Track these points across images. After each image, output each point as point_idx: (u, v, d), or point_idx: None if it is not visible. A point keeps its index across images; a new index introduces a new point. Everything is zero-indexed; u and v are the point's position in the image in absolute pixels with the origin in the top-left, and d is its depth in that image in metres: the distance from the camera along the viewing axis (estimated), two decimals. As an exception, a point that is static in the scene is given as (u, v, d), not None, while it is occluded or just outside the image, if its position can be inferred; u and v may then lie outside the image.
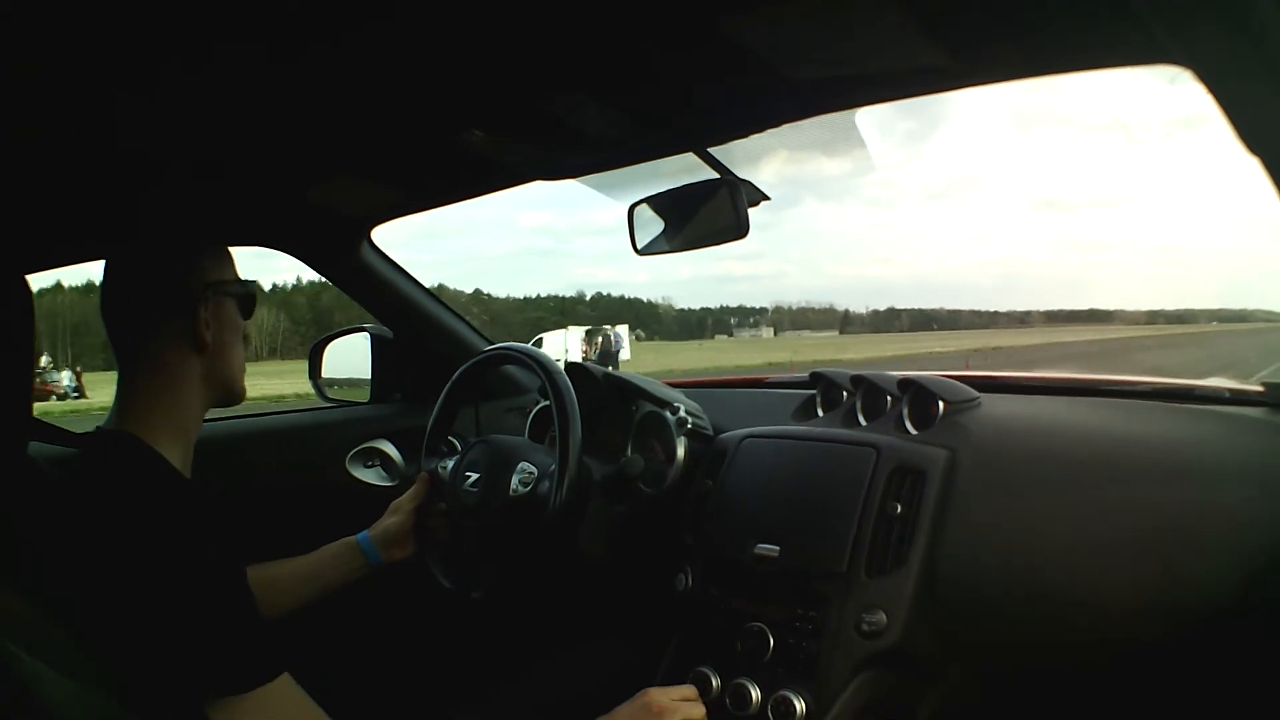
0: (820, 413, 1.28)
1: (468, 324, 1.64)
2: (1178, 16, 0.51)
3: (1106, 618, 0.89)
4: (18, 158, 0.85)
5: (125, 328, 0.90)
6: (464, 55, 0.72)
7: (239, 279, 0.98)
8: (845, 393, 1.26)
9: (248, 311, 0.99)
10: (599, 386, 1.37)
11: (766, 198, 1.02)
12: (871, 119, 0.93)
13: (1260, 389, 1.01)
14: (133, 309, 0.90)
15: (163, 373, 0.89)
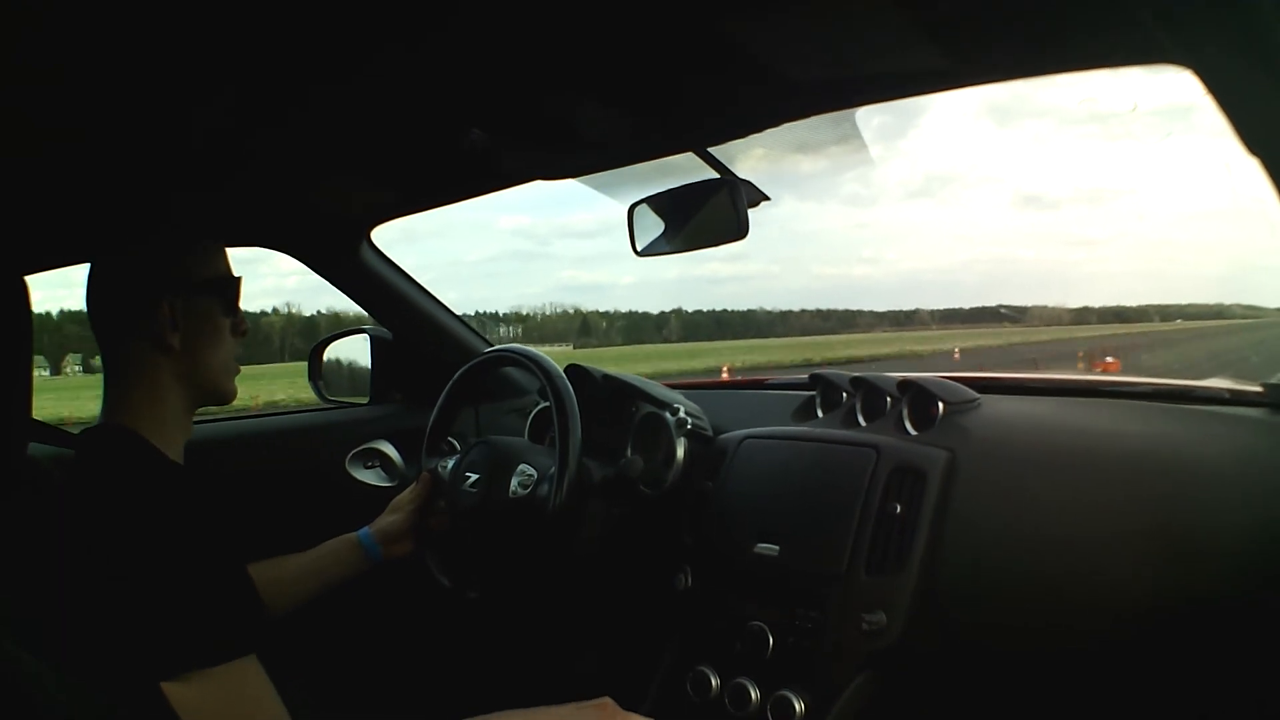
0: (820, 414, 1.28)
1: (467, 326, 1.64)
2: (1178, 17, 0.51)
3: (1106, 617, 0.89)
4: (15, 159, 0.85)
5: (101, 327, 0.91)
6: (465, 56, 0.72)
7: (219, 274, 0.96)
8: (845, 394, 1.26)
9: (230, 306, 0.96)
10: (598, 388, 1.37)
11: (766, 198, 1.02)
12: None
13: (1260, 389, 1.01)
14: (105, 310, 0.91)
15: (138, 373, 0.89)
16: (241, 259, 1.33)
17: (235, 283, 0.97)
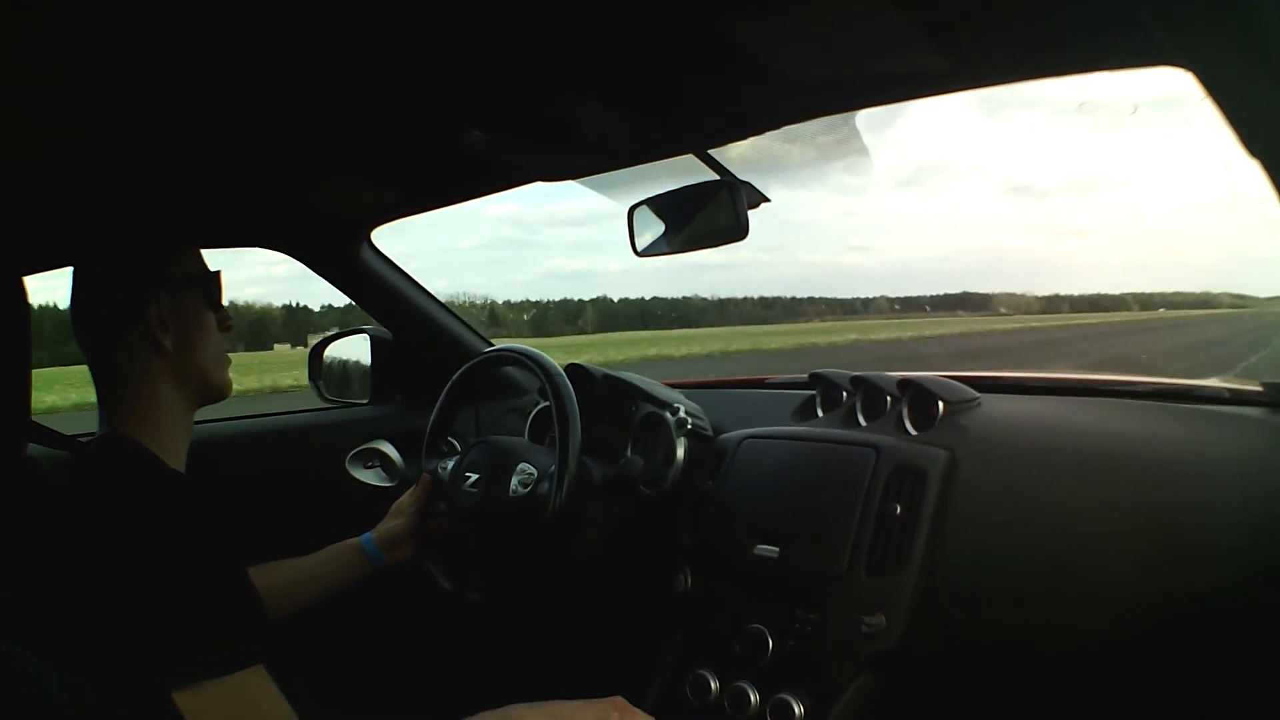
0: (820, 413, 1.28)
1: (467, 325, 1.64)
2: (1178, 17, 0.51)
3: (1106, 617, 0.89)
4: (15, 159, 0.85)
5: (89, 338, 0.90)
6: (465, 56, 0.72)
7: (198, 271, 0.96)
8: (845, 393, 1.26)
9: (214, 301, 0.96)
10: (599, 388, 1.37)
11: (766, 199, 1.02)
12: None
13: (1260, 389, 1.01)
14: (92, 320, 0.90)
15: (132, 380, 0.89)
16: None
17: (215, 277, 0.97)
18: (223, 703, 0.72)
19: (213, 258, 1.02)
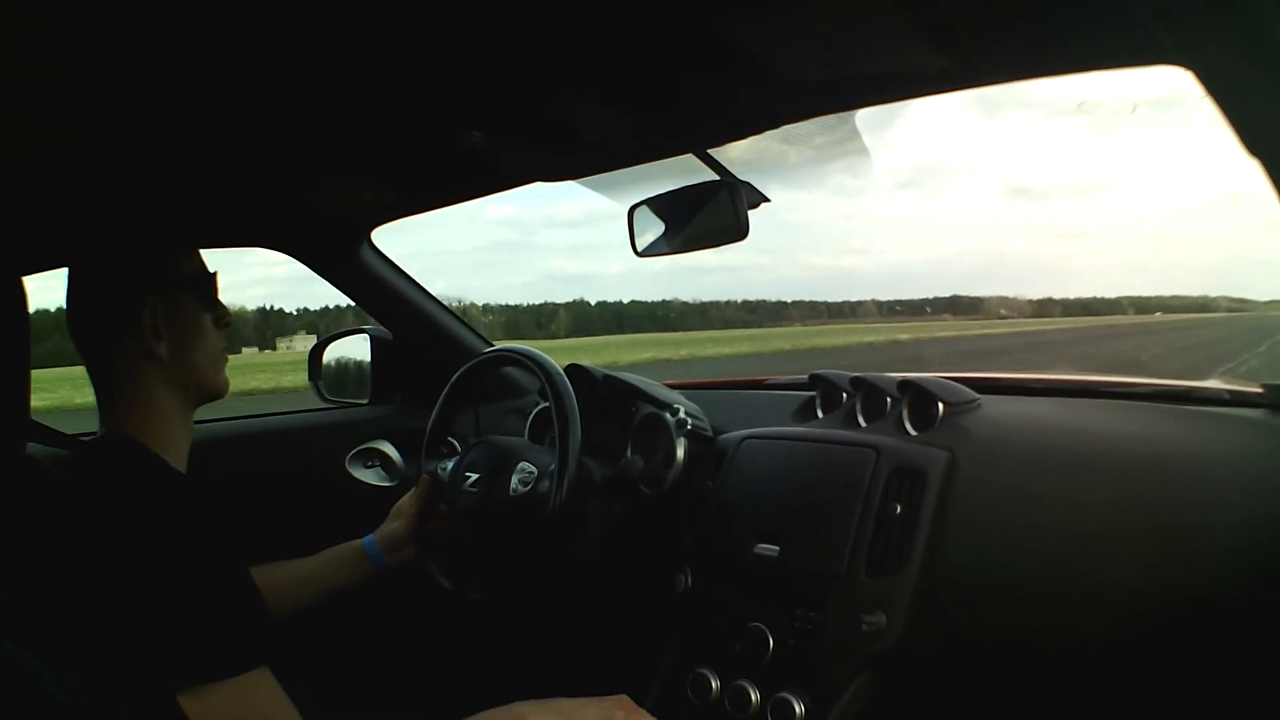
0: (820, 414, 1.28)
1: (467, 326, 1.64)
2: (1178, 17, 0.51)
3: (1106, 617, 0.89)
4: (14, 159, 0.85)
5: (85, 342, 0.90)
6: (465, 56, 0.72)
7: (195, 272, 0.96)
8: (845, 394, 1.26)
9: (210, 301, 0.96)
10: (598, 388, 1.37)
11: (766, 199, 1.02)
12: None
13: (1260, 390, 1.01)
14: (88, 325, 0.90)
15: (130, 384, 0.89)
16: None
17: (211, 278, 0.97)
18: (228, 706, 0.72)
19: (211, 258, 1.02)
